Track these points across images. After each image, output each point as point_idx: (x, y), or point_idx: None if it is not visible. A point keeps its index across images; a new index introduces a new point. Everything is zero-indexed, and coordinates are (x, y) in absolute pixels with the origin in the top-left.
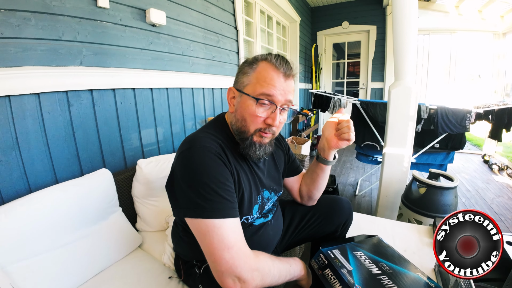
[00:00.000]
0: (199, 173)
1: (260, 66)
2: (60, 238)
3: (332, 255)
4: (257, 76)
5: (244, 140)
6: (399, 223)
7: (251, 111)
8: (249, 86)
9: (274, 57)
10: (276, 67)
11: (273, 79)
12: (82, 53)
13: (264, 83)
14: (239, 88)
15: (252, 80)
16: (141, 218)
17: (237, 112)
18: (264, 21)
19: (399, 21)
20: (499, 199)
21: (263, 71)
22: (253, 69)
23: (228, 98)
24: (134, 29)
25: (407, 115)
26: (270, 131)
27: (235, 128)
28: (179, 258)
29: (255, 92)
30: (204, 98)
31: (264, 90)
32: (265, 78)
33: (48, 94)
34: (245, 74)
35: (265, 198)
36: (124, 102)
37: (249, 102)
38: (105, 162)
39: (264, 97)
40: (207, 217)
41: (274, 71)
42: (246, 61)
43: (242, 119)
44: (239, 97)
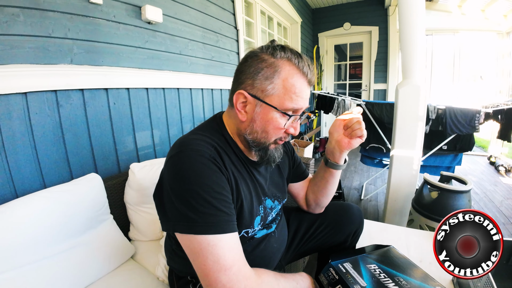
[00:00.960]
0: (190, 181)
1: (285, 69)
2: (45, 249)
3: (343, 269)
4: (284, 85)
5: (263, 150)
6: (413, 231)
7: (277, 125)
8: (274, 97)
9: (298, 58)
10: (304, 73)
11: (302, 91)
12: (73, 51)
13: (294, 95)
14: (258, 96)
15: (279, 90)
16: (134, 226)
17: (255, 123)
18: (264, 22)
19: (406, 17)
20: (508, 202)
21: (290, 78)
22: (277, 74)
23: (236, 103)
24: (128, 27)
25: (416, 115)
26: (288, 138)
27: (250, 138)
28: (173, 272)
29: (283, 105)
30: (203, 99)
31: (293, 104)
32: (294, 89)
33: (36, 94)
34: (266, 79)
35: (267, 208)
36: (117, 103)
37: (274, 115)
38: (97, 166)
39: (293, 110)
40: (200, 233)
41: (301, 78)
42: (259, 57)
43: (263, 131)
44: (259, 107)
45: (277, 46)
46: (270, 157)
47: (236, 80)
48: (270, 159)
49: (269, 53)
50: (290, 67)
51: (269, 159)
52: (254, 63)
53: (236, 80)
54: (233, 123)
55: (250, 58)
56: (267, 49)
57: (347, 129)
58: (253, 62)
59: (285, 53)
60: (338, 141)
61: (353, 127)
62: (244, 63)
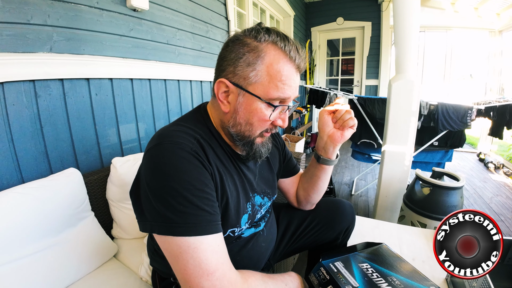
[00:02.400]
0: (168, 177)
1: (270, 54)
2: (19, 248)
3: (334, 268)
4: (268, 72)
5: (247, 144)
6: (405, 228)
7: (262, 116)
8: (258, 85)
9: (285, 41)
10: (291, 57)
11: (289, 77)
12: (53, 39)
13: (280, 83)
14: (240, 84)
15: (263, 77)
16: (117, 224)
17: (238, 114)
18: (257, 14)
19: (401, 10)
20: (497, 198)
21: (276, 63)
22: (261, 59)
23: (217, 93)
24: (112, 14)
25: (409, 110)
26: (274, 130)
27: (234, 131)
28: (155, 273)
29: (268, 95)
30: (191, 91)
31: (280, 93)
32: (280, 76)
33: (13, 84)
34: (248, 65)
35: (256, 205)
36: (99, 94)
37: (259, 105)
38: (78, 161)
39: (279, 101)
40: (179, 234)
41: (288, 64)
42: (242, 42)
43: (247, 124)
44: (241, 97)
45: (261, 28)
46: (256, 152)
47: (218, 67)
48: (256, 155)
49: (252, 36)
50: (276, 52)
51: (255, 155)
52: (235, 47)
53: (218, 67)
54: (217, 115)
55: (231, 43)
56: (250, 32)
57: (336, 122)
58: (234, 46)
59: (269, 36)
60: (331, 135)
61: (343, 117)
62: (226, 48)
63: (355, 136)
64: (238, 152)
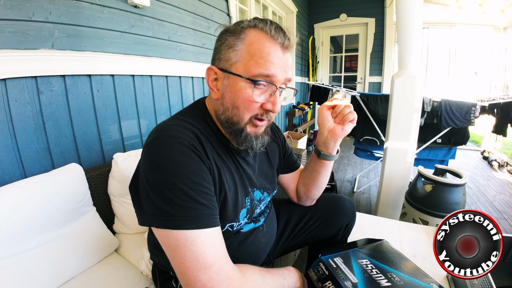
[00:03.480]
0: (166, 171)
1: (251, 35)
2: (21, 242)
3: (333, 264)
4: (249, 50)
5: (237, 133)
6: (406, 224)
7: (246, 96)
8: (239, 64)
9: (265, 23)
10: (272, 36)
11: (271, 53)
12: (54, 35)
13: (260, 59)
14: (224, 67)
15: (243, 56)
16: (119, 218)
17: (224, 98)
18: (259, 10)
19: (403, 5)
20: (501, 197)
21: (256, 43)
22: (241, 40)
23: (208, 81)
24: (113, 10)
25: (412, 107)
26: (267, 117)
27: (223, 118)
28: (156, 267)
29: (250, 72)
30: (193, 88)
31: (261, 69)
32: (260, 53)
33: (15, 80)
34: (230, 48)
35: (255, 199)
36: (101, 90)
37: (242, 85)
38: (80, 156)
39: (262, 78)
40: (177, 227)
41: (269, 42)
42: (227, 30)
43: (234, 107)
44: (226, 79)
45: (247, 19)
46: (248, 142)
47: (211, 59)
48: (248, 145)
49: (237, 24)
50: (256, 32)
51: (246, 145)
52: (221, 36)
53: (211, 59)
54: (212, 106)
55: (219, 34)
56: (236, 22)
57: (336, 117)
58: (220, 36)
59: (251, 22)
60: (331, 130)
61: (343, 112)
62: (216, 40)
63: (357, 133)
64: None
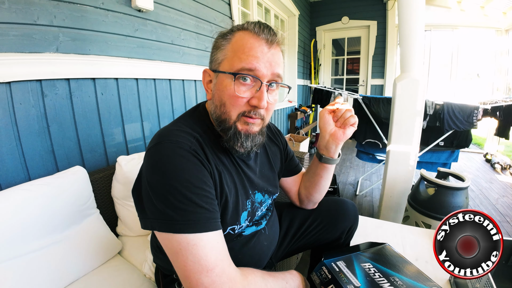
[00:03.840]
0: (168, 176)
1: (236, 36)
2: (25, 244)
3: (336, 268)
4: (233, 48)
5: (227, 130)
6: (409, 228)
7: (230, 92)
8: (224, 62)
9: (252, 23)
10: (255, 33)
11: (253, 48)
12: (59, 39)
13: (242, 54)
14: (214, 68)
15: (228, 53)
16: (122, 221)
17: (214, 97)
18: (261, 13)
19: (406, 9)
20: (503, 199)
21: (240, 40)
22: (228, 41)
23: (204, 84)
24: (117, 14)
25: (414, 110)
26: (257, 115)
27: (215, 117)
28: (159, 270)
29: (233, 67)
30: (196, 91)
31: (243, 63)
32: (243, 49)
33: (20, 83)
34: (218, 48)
35: (256, 202)
36: (105, 93)
37: (227, 81)
38: (84, 159)
39: (245, 72)
40: (179, 231)
41: (253, 38)
42: (219, 35)
43: (221, 104)
44: (215, 79)
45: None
46: (237, 140)
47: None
48: (238, 143)
49: (230, 29)
50: (241, 32)
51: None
52: (215, 41)
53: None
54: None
55: (215, 39)
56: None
57: (337, 120)
58: (215, 40)
59: (240, 25)
60: (333, 134)
61: (344, 115)
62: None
63: (359, 136)
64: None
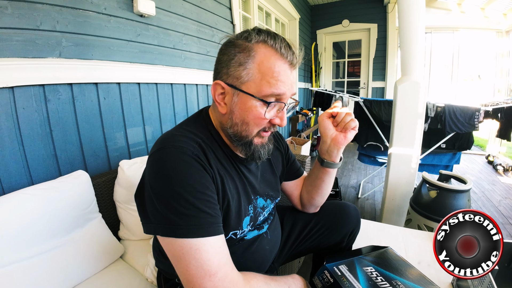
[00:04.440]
0: (171, 181)
1: (260, 53)
2: (28, 248)
3: (338, 272)
4: (260, 70)
5: (246, 145)
6: (411, 231)
7: (257, 115)
8: (250, 83)
9: (274, 38)
10: (282, 54)
11: (281, 73)
12: (62, 44)
13: (271, 79)
14: (234, 84)
15: (255, 75)
16: (124, 225)
17: (234, 114)
18: (262, 17)
19: (406, 12)
20: (506, 201)
21: (266, 61)
22: (252, 58)
23: (214, 95)
24: (120, 19)
25: (415, 113)
26: (273, 129)
27: (231, 132)
28: (161, 274)
29: (262, 92)
30: (197, 95)
31: (273, 89)
32: (272, 73)
33: (23, 88)
34: (241, 65)
35: (258, 207)
36: (108, 98)
37: (253, 103)
38: (86, 163)
39: (273, 97)
40: (182, 236)
41: (280, 61)
42: (233, 44)
43: (243, 123)
44: (236, 96)
45: (253, 30)
46: (255, 153)
47: (215, 71)
48: (255, 155)
49: (244, 38)
50: (266, 49)
51: (254, 155)
52: (228, 50)
53: (215, 71)
54: (217, 117)
55: (224, 46)
56: (242, 35)
57: (337, 125)
58: (227, 49)
59: (260, 36)
60: (334, 138)
61: (344, 120)
62: (220, 52)
63: (361, 138)
64: (239, 154)
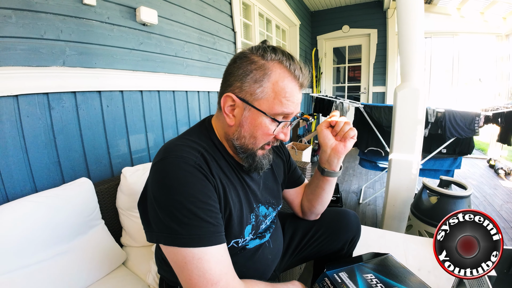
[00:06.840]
0: (173, 190)
1: (276, 73)
2: (32, 255)
3: (338, 279)
4: (274, 89)
5: (250, 157)
6: (411, 237)
7: (266, 131)
8: (263, 101)
9: (287, 59)
10: (295, 77)
11: (293, 94)
12: (65, 53)
13: (284, 99)
14: (246, 99)
15: (269, 93)
16: (127, 232)
17: (243, 127)
18: (263, 24)
19: (404, 19)
20: (508, 205)
21: (281, 81)
22: (267, 77)
23: (223, 107)
24: (122, 28)
25: (415, 119)
26: (276, 143)
27: (238, 144)
28: (163, 281)
29: (273, 110)
30: (199, 102)
31: (283, 108)
32: (284, 93)
33: (27, 97)
34: (255, 81)
35: (260, 215)
36: (111, 106)
37: (263, 120)
38: (89, 170)
39: (283, 116)
40: (184, 245)
41: (292, 82)
42: (249, 59)
43: (251, 137)
44: (247, 111)
45: (268, 47)
46: (258, 164)
47: (225, 82)
48: (258, 166)
49: (259, 55)
50: (281, 70)
51: (257, 166)
52: (243, 64)
53: (225, 82)
54: (221, 127)
55: (239, 59)
56: (257, 50)
57: (336, 134)
58: (242, 63)
59: (276, 55)
60: (334, 148)
61: (343, 129)
62: (233, 64)
63: (362, 144)
64: (242, 163)
